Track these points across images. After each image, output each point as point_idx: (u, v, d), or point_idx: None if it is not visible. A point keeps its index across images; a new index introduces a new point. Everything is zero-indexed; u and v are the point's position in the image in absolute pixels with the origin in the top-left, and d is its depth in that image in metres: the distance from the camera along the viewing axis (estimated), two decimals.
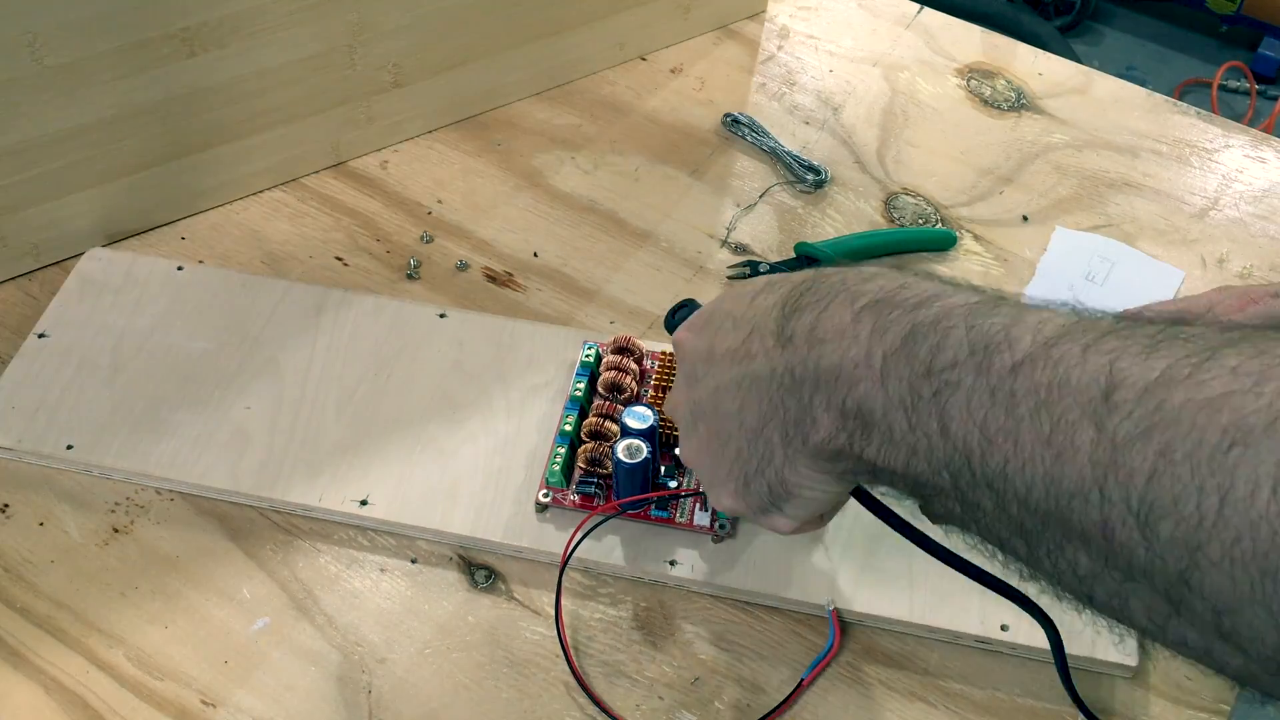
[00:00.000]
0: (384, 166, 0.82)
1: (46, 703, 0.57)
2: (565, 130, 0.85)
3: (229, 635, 0.60)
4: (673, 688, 0.58)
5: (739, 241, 0.78)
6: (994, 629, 0.59)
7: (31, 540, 0.63)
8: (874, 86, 0.89)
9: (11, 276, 0.74)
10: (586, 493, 0.63)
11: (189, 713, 0.57)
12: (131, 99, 0.71)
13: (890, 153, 0.84)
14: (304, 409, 0.67)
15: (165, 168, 0.75)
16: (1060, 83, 0.90)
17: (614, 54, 0.89)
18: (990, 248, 0.78)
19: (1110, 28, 2.33)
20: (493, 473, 0.65)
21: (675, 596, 0.62)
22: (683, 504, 0.63)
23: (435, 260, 0.77)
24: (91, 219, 0.75)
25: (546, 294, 0.75)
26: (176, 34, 0.70)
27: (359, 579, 0.62)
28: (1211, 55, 2.24)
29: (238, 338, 0.70)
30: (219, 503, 0.64)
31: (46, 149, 0.70)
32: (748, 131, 0.85)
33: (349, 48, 0.77)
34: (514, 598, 0.61)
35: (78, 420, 0.66)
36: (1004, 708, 0.58)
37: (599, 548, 0.62)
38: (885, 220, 0.80)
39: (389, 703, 0.58)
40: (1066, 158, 0.85)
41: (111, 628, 0.60)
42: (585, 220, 0.79)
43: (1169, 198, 0.82)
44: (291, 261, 0.76)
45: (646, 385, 0.67)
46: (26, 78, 0.67)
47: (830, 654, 0.59)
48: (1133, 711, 0.58)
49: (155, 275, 0.73)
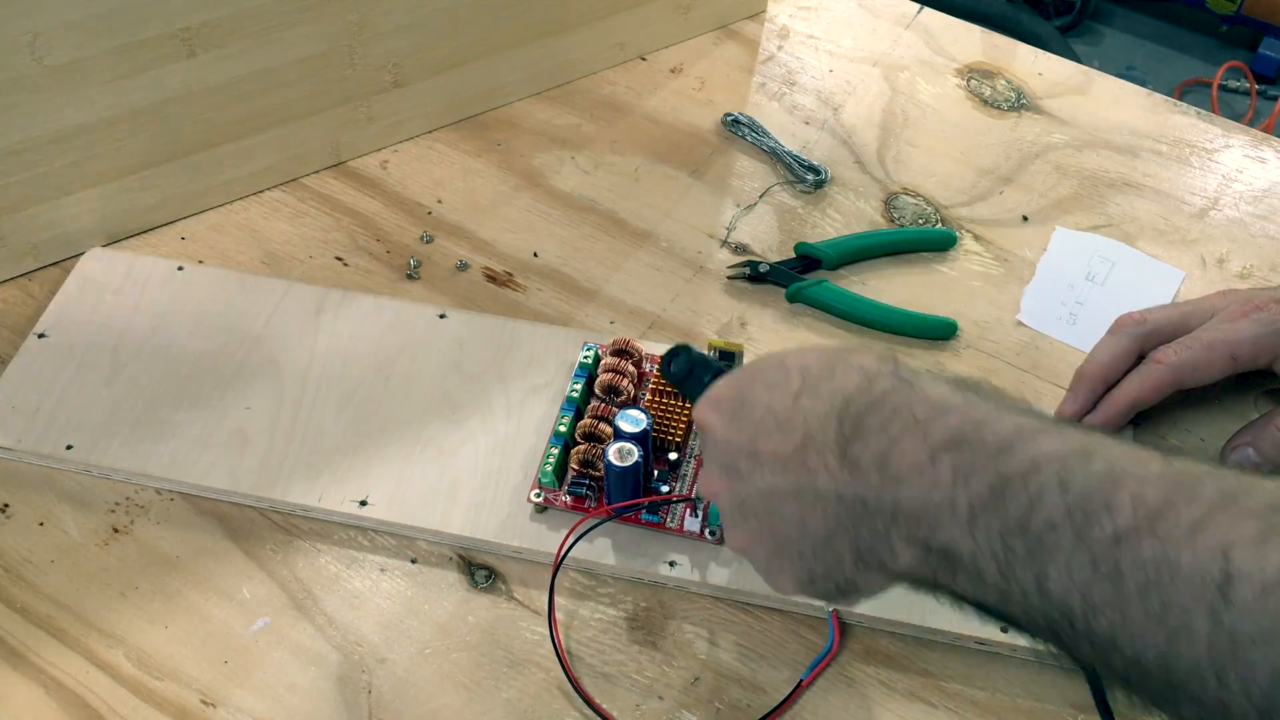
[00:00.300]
0: (384, 166, 0.82)
1: (46, 703, 0.57)
2: (565, 130, 0.85)
3: (229, 635, 0.60)
4: (673, 688, 0.59)
5: (739, 241, 0.78)
6: (994, 630, 0.59)
7: (31, 540, 0.63)
8: (874, 86, 0.89)
9: (11, 276, 0.74)
10: (578, 494, 0.63)
11: (189, 713, 0.57)
12: (131, 99, 0.71)
13: (890, 153, 0.84)
14: (304, 409, 0.67)
15: (165, 168, 0.75)
16: (1060, 83, 0.90)
17: (614, 54, 0.89)
18: (990, 248, 0.78)
19: (1110, 28, 2.33)
20: (492, 473, 0.65)
21: (675, 597, 0.62)
22: (674, 509, 0.63)
23: (435, 260, 0.77)
24: (91, 219, 0.75)
25: (546, 294, 0.75)
26: (176, 34, 0.70)
27: (359, 579, 0.62)
28: (1211, 55, 2.24)
29: (238, 338, 0.70)
30: (219, 503, 0.64)
31: (46, 149, 0.70)
32: (748, 131, 0.85)
33: (349, 48, 0.77)
34: (514, 598, 0.61)
35: (78, 420, 0.66)
36: (1004, 708, 0.58)
37: (598, 548, 0.62)
38: (885, 220, 0.80)
39: (389, 703, 0.58)
40: (1066, 158, 0.85)
41: (111, 628, 0.60)
42: (585, 220, 0.79)
43: (1169, 198, 0.82)
44: (291, 261, 0.76)
45: (644, 388, 0.67)
46: (26, 78, 0.67)
47: (830, 654, 0.59)
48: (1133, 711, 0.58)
49: (155, 275, 0.73)
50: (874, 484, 0.44)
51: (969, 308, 0.74)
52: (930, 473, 0.43)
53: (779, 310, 0.75)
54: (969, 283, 0.76)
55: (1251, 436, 0.64)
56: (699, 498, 0.62)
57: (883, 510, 0.44)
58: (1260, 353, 0.64)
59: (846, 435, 0.45)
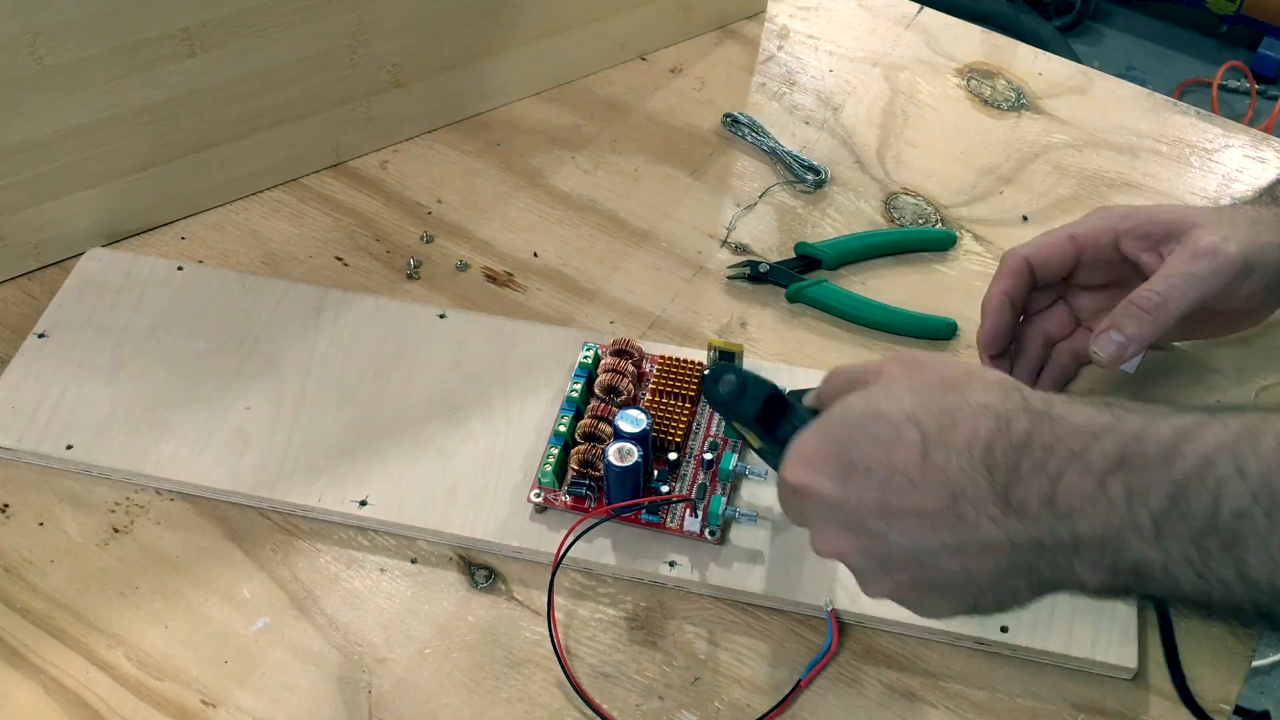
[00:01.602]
0: (384, 166, 0.82)
1: (46, 703, 0.57)
2: (565, 130, 0.85)
3: (229, 635, 0.60)
4: (673, 688, 0.59)
5: (739, 241, 0.78)
6: (993, 630, 0.59)
7: (31, 540, 0.63)
8: (874, 86, 0.89)
9: (11, 276, 0.74)
10: (578, 494, 0.63)
11: (189, 713, 0.57)
12: (131, 99, 0.71)
13: (890, 153, 0.84)
14: (304, 409, 0.67)
15: (165, 168, 0.75)
16: (1060, 83, 0.90)
17: (614, 54, 0.89)
18: (990, 248, 0.78)
19: (1110, 28, 2.33)
20: (492, 473, 0.65)
21: (675, 597, 0.62)
22: (674, 509, 0.63)
23: (435, 260, 0.77)
24: (91, 219, 0.75)
25: (546, 294, 0.75)
26: (176, 34, 0.70)
27: (359, 579, 0.62)
28: (1211, 55, 2.24)
29: (238, 338, 0.70)
30: (219, 503, 0.64)
31: (46, 149, 0.70)
32: (748, 131, 0.85)
33: (349, 48, 0.77)
34: (514, 598, 0.61)
35: (78, 420, 0.66)
36: (1003, 708, 0.58)
37: (597, 548, 0.62)
38: (885, 220, 0.80)
39: (389, 703, 0.58)
40: (1066, 158, 0.85)
41: (111, 628, 0.60)
42: (585, 220, 0.79)
43: (1169, 198, 0.82)
44: (291, 261, 0.76)
45: (644, 388, 0.67)
46: (26, 78, 0.67)
47: (828, 654, 0.59)
48: (1133, 712, 0.58)
49: (155, 275, 0.73)
50: (1047, 524, 0.44)
51: (969, 308, 0.74)
52: (1103, 500, 0.43)
53: (779, 310, 0.75)
54: (969, 283, 0.76)
55: (1111, 320, 0.62)
56: (699, 498, 0.62)
57: (1062, 547, 0.44)
58: (1100, 232, 0.65)
59: (1003, 483, 0.45)
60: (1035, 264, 0.66)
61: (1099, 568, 0.44)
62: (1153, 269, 0.62)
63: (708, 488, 0.63)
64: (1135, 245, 0.64)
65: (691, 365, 0.67)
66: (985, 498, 0.45)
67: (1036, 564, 0.45)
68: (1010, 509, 0.45)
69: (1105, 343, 0.61)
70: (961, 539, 0.46)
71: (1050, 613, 0.59)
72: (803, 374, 0.69)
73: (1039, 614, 0.59)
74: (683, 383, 0.66)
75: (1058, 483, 0.44)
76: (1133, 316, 0.61)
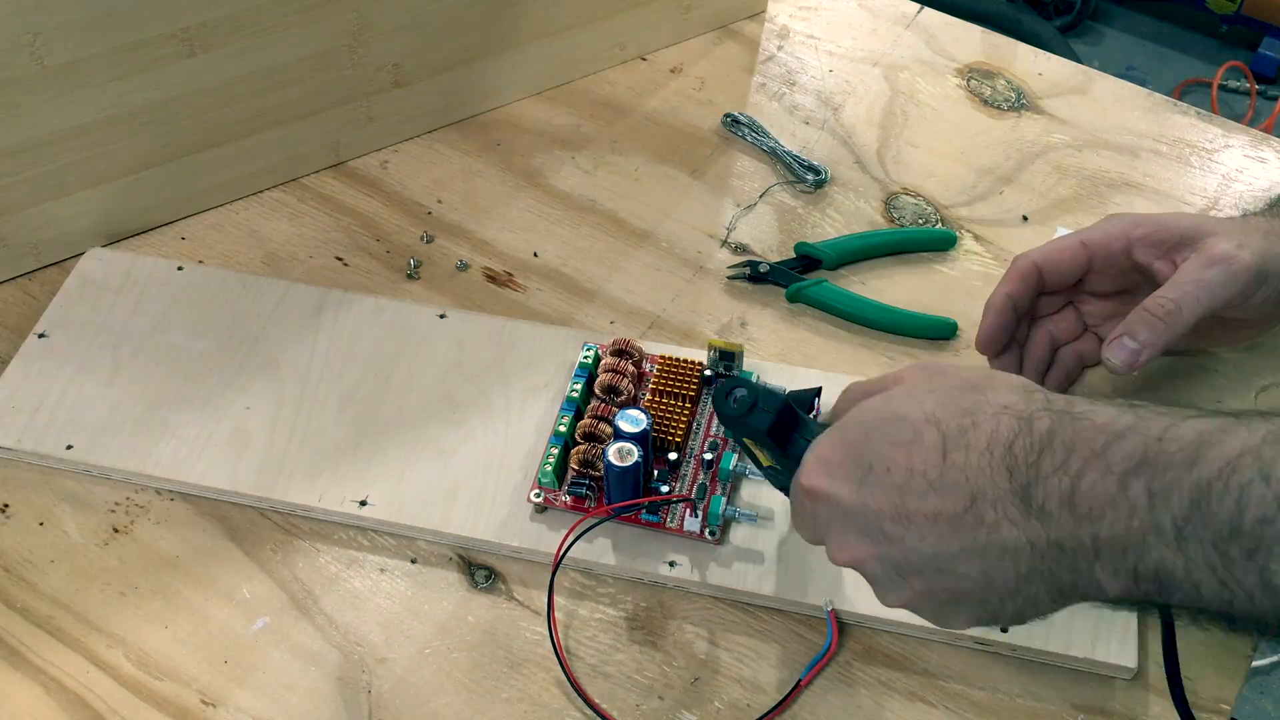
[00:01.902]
0: (384, 166, 0.82)
1: (46, 703, 0.57)
2: (565, 130, 0.85)
3: (229, 635, 0.60)
4: (673, 688, 0.59)
5: (739, 241, 0.78)
6: (993, 630, 0.59)
7: (31, 540, 0.63)
8: (874, 86, 0.89)
9: (11, 276, 0.74)
10: (578, 494, 0.63)
11: (189, 713, 0.57)
12: (131, 99, 0.71)
13: (890, 153, 0.84)
14: (304, 409, 0.67)
15: (165, 168, 0.75)
16: (1060, 83, 0.90)
17: (614, 54, 0.89)
18: (990, 248, 0.78)
19: (1110, 28, 2.33)
20: (492, 473, 0.65)
21: (675, 597, 0.62)
22: (674, 509, 0.63)
23: (435, 260, 0.77)
24: (91, 219, 0.75)
25: (546, 294, 0.75)
26: (176, 34, 0.70)
27: (359, 579, 0.62)
28: (1211, 55, 2.24)
29: (238, 338, 0.70)
30: (219, 503, 0.64)
31: (46, 149, 0.70)
32: (748, 131, 0.85)
33: (349, 48, 0.77)
34: (514, 598, 0.61)
35: (78, 420, 0.66)
36: (1003, 708, 0.58)
37: (597, 548, 0.62)
38: (885, 220, 0.80)
39: (389, 703, 0.58)
40: (1066, 158, 0.85)
41: (111, 628, 0.60)
42: (585, 220, 0.79)
43: (1169, 198, 0.82)
44: (291, 261, 0.76)
45: (644, 388, 0.67)
46: (26, 78, 0.67)
47: (828, 654, 0.59)
48: (1133, 711, 0.58)
49: (155, 275, 0.73)
50: (1067, 525, 0.44)
51: (969, 308, 0.74)
52: (1124, 502, 0.42)
53: (779, 310, 0.75)
54: (969, 283, 0.76)
55: (1124, 327, 0.62)
56: (699, 498, 0.62)
57: (1082, 550, 0.44)
58: (1112, 239, 0.65)
59: (1022, 484, 0.45)
60: (1045, 269, 0.66)
61: (1119, 573, 0.43)
62: (1165, 276, 0.62)
63: (708, 488, 0.63)
64: (1148, 252, 0.64)
65: (691, 365, 0.67)
66: (1005, 498, 0.45)
67: (1056, 569, 0.45)
68: (1030, 510, 0.45)
69: (1118, 349, 0.61)
70: (980, 542, 0.46)
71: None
72: (803, 374, 0.69)
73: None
74: (683, 383, 0.66)
75: (1078, 482, 0.43)
76: (1146, 323, 0.61)
